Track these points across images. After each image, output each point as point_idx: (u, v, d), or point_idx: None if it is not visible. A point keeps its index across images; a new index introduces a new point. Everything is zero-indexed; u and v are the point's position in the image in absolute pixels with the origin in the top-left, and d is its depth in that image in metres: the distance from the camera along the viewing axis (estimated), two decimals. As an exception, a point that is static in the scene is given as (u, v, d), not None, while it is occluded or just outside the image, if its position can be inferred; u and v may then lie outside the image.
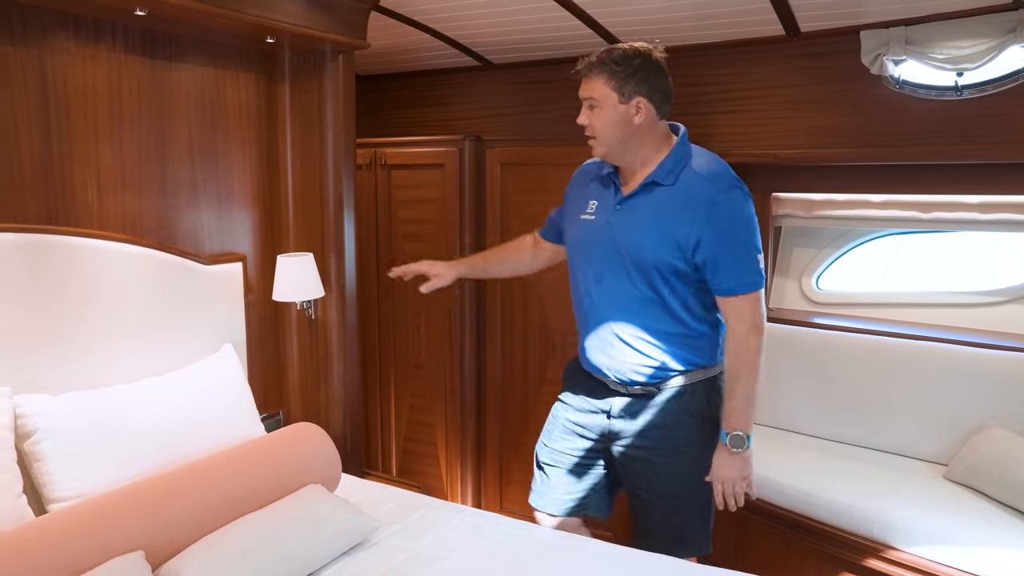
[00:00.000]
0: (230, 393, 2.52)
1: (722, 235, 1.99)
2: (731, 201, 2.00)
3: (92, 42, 2.28)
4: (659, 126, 2.08)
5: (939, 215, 2.97)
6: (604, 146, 2.09)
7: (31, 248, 2.10)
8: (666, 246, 2.02)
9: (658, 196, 2.06)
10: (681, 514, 2.19)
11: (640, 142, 2.06)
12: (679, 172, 2.04)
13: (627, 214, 2.10)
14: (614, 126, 2.04)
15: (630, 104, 2.02)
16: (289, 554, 1.96)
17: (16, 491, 1.92)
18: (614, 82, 2.02)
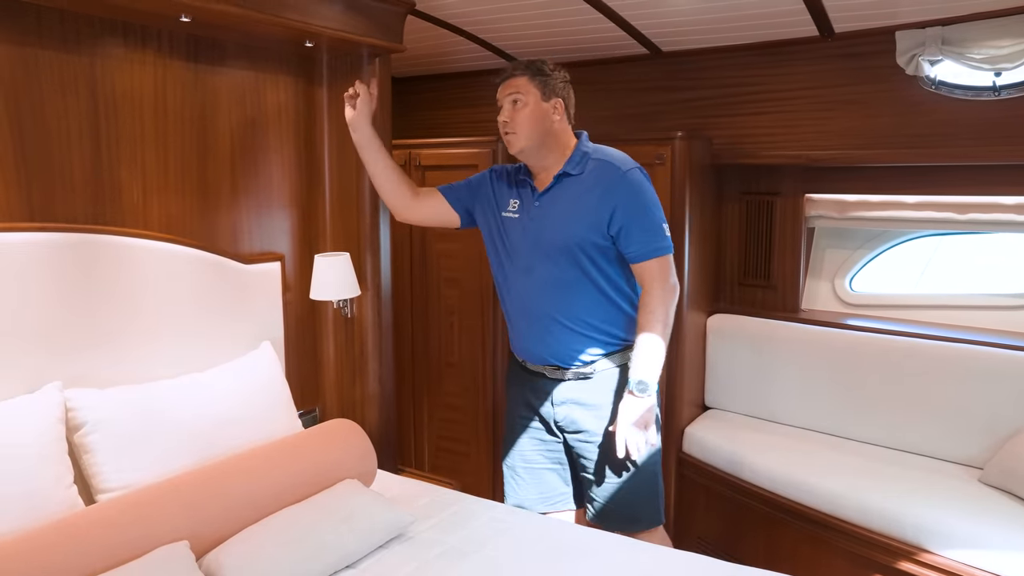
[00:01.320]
0: (269, 389, 2.58)
1: (630, 207, 2.22)
2: (634, 179, 2.25)
3: (139, 48, 2.36)
4: (567, 130, 2.35)
5: (975, 216, 2.94)
6: (524, 138, 2.30)
7: (81, 247, 2.18)
8: (584, 226, 2.24)
9: (570, 185, 2.30)
10: (629, 491, 2.33)
11: (554, 140, 2.32)
12: (585, 163, 2.30)
13: (546, 206, 2.32)
14: (536, 122, 2.29)
15: (550, 103, 2.29)
16: (326, 547, 2.01)
17: (67, 481, 1.99)
18: (538, 81, 2.29)
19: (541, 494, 2.52)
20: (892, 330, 3.06)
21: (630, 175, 2.25)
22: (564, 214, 2.28)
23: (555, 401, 2.39)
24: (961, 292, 3.18)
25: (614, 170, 2.26)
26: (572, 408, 2.37)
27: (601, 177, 2.26)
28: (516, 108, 2.30)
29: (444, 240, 3.64)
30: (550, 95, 2.29)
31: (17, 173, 2.09)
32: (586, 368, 2.33)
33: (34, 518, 1.86)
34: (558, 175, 2.31)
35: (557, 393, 2.38)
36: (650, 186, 2.29)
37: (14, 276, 2.02)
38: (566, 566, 2.05)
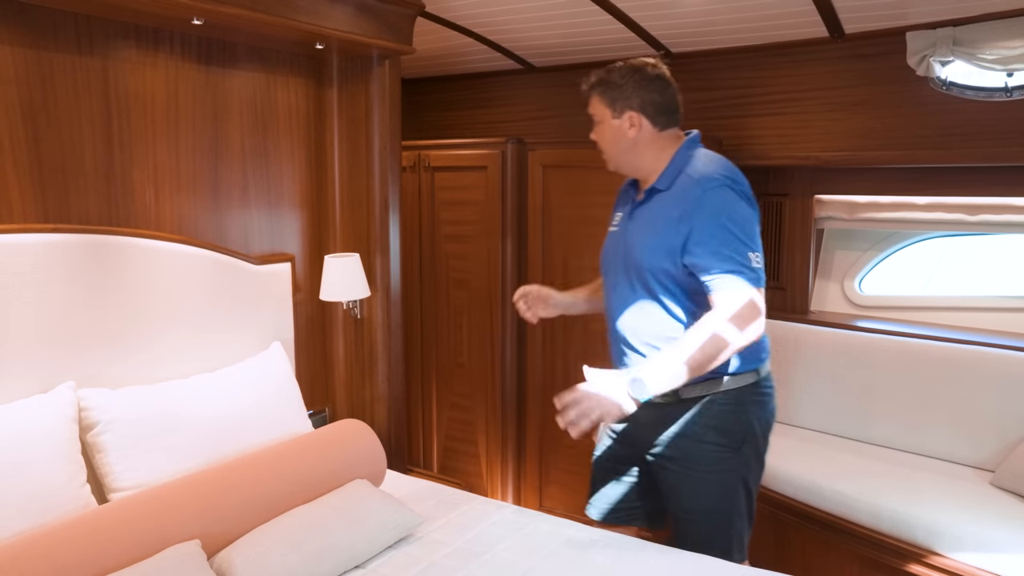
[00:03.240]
0: (279, 389, 2.59)
1: (702, 233, 1.94)
2: (716, 198, 1.96)
3: (151, 50, 2.38)
4: (661, 137, 2.10)
5: (986, 217, 2.93)
6: (611, 160, 2.17)
7: (94, 248, 2.20)
8: (658, 249, 2.02)
9: (657, 202, 2.09)
10: (700, 529, 2.15)
11: (638, 154, 2.11)
12: (675, 177, 2.05)
13: (634, 222, 2.15)
14: (612, 142, 2.12)
15: (623, 119, 2.08)
16: (336, 547, 2.02)
17: (80, 480, 2.01)
18: (606, 99, 2.10)
19: (608, 502, 2.34)
20: (902, 332, 3.05)
21: (711, 194, 1.96)
22: (645, 233, 2.08)
23: (640, 422, 2.18)
24: (971, 294, 3.17)
25: (695, 187, 1.98)
26: (651, 432, 2.16)
27: (682, 195, 2.01)
28: (596, 130, 2.15)
29: (453, 241, 3.65)
30: (622, 110, 2.07)
31: (32, 175, 2.11)
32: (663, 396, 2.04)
33: (47, 516, 1.88)
34: (648, 189, 2.11)
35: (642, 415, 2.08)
36: (739, 206, 1.97)
37: (29, 277, 2.04)
38: (575, 567, 2.05)
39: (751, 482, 2.13)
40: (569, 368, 3.46)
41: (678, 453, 2.11)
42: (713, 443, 2.06)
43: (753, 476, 2.14)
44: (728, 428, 2.06)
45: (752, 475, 2.13)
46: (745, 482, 2.11)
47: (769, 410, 2.15)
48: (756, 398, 2.10)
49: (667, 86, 2.10)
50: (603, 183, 3.23)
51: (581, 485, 3.47)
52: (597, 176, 3.26)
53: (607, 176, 3.19)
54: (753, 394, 2.09)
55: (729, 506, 2.11)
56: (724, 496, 2.10)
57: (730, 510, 2.11)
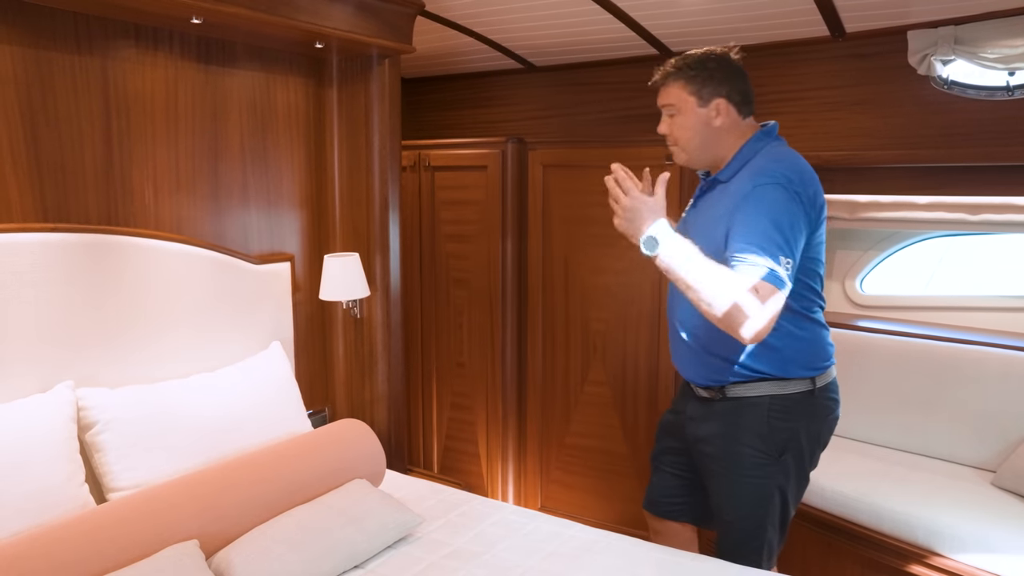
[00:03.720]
0: (278, 389, 2.59)
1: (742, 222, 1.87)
2: (763, 194, 1.88)
3: (151, 50, 2.37)
4: (740, 126, 2.05)
5: (988, 217, 2.92)
6: (686, 152, 2.09)
7: (93, 248, 2.20)
8: (711, 241, 1.93)
9: (716, 193, 2.05)
10: (734, 531, 2.12)
11: (718, 144, 2.05)
12: (738, 170, 2.01)
13: (696, 210, 2.13)
14: (694, 131, 2.04)
15: (709, 107, 2.02)
16: (335, 547, 2.02)
17: (79, 480, 2.01)
18: (692, 86, 2.02)
19: (658, 495, 2.34)
20: (903, 332, 3.04)
21: (759, 189, 1.89)
22: (701, 224, 2.04)
23: (687, 414, 2.19)
24: (973, 293, 3.16)
25: (747, 182, 1.93)
26: (698, 427, 2.14)
27: (736, 190, 1.96)
28: (673, 120, 2.07)
29: (453, 241, 3.65)
30: (709, 98, 2.01)
31: (31, 174, 2.11)
32: (710, 392, 2.09)
33: (46, 516, 1.88)
34: (712, 179, 2.07)
35: (689, 407, 2.18)
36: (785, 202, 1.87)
37: (28, 276, 2.04)
38: (575, 567, 2.04)
39: (789, 493, 2.07)
40: (570, 369, 3.46)
41: (718, 452, 2.09)
42: (752, 448, 2.02)
43: (792, 488, 2.07)
44: (770, 435, 2.00)
45: (791, 486, 2.06)
46: (782, 492, 2.05)
47: (825, 423, 2.07)
48: (808, 408, 2.02)
49: (745, 75, 2.07)
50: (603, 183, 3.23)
51: (582, 485, 3.48)
52: (598, 175, 3.24)
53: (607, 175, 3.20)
54: (806, 403, 2.01)
55: (762, 514, 2.05)
56: (758, 503, 2.05)
57: (763, 518, 2.06)
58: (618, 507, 3.35)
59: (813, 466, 2.11)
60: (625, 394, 3.30)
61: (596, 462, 3.42)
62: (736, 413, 2.04)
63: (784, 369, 1.99)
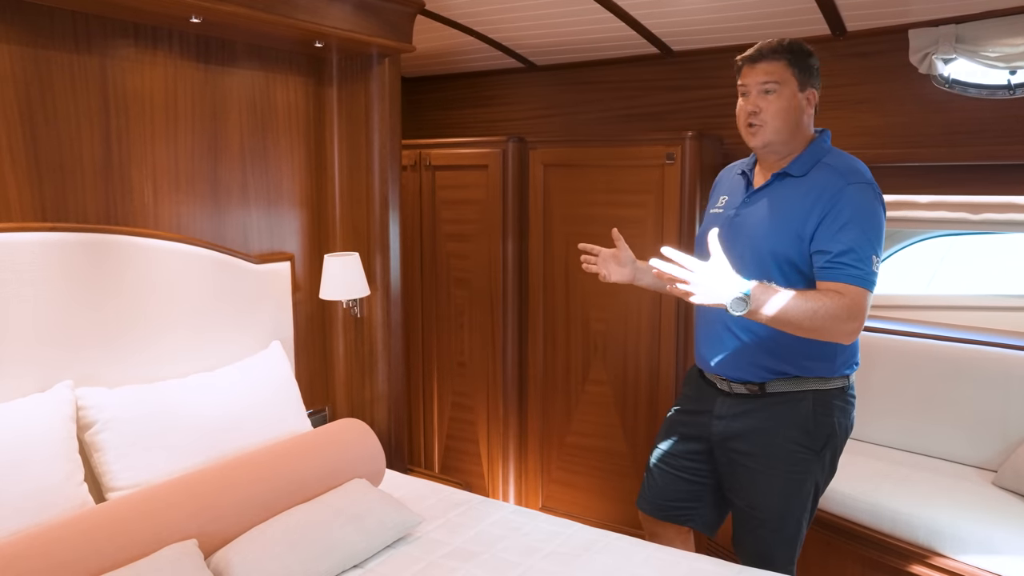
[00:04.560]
0: (278, 389, 2.59)
1: (839, 223, 1.89)
2: (859, 194, 1.92)
3: (150, 49, 2.37)
4: (812, 124, 2.08)
5: (990, 216, 2.92)
6: (772, 132, 2.03)
7: (92, 247, 2.19)
8: (785, 235, 1.97)
9: (786, 187, 2.04)
10: (769, 529, 2.10)
11: (799, 132, 2.05)
12: (812, 165, 2.02)
13: (753, 205, 2.09)
14: (788, 113, 2.01)
15: (806, 94, 2.03)
16: (335, 546, 2.01)
17: (78, 479, 2.01)
18: (796, 69, 2.01)
19: (663, 499, 2.31)
20: (905, 331, 3.04)
21: (852, 188, 1.92)
22: (766, 217, 2.03)
23: (715, 413, 2.16)
24: (974, 293, 3.16)
25: (837, 179, 1.94)
26: (731, 424, 2.12)
27: (819, 185, 1.96)
28: (768, 98, 2.01)
29: (454, 240, 3.65)
30: (807, 85, 2.02)
31: (29, 173, 2.11)
32: (756, 387, 2.08)
33: (45, 515, 1.88)
34: (778, 173, 2.06)
35: (719, 405, 2.15)
36: (876, 207, 1.93)
37: (26, 276, 2.04)
38: (575, 567, 2.04)
39: (821, 488, 2.11)
40: (571, 368, 3.46)
41: (757, 448, 2.08)
42: (795, 443, 2.03)
43: (824, 482, 2.11)
44: (814, 430, 2.03)
45: (823, 481, 2.11)
46: (817, 487, 2.09)
47: (851, 419, 2.12)
48: (842, 404, 2.08)
49: None
50: (604, 182, 3.23)
51: (583, 485, 3.47)
52: (598, 175, 3.26)
53: (608, 175, 3.20)
54: (840, 399, 2.07)
55: (800, 510, 2.07)
56: (797, 498, 2.06)
57: (800, 514, 2.08)
58: (619, 507, 3.34)
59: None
60: (626, 393, 3.29)
61: (597, 461, 3.42)
62: (778, 408, 2.05)
63: (832, 368, 2.04)
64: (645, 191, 3.12)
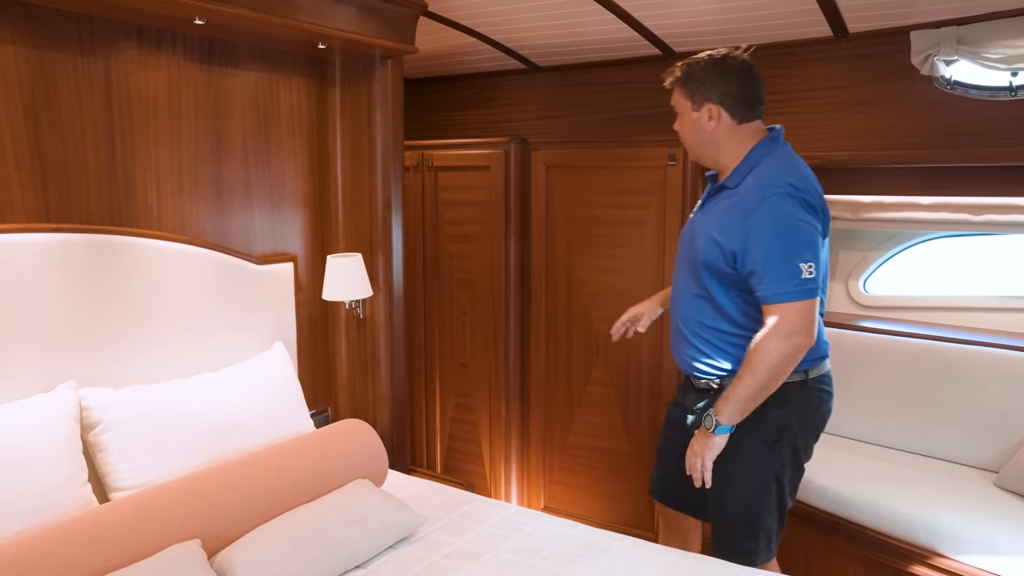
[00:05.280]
0: (281, 389, 2.59)
1: (756, 242, 1.97)
2: (769, 208, 1.96)
3: (153, 50, 2.38)
4: (740, 130, 2.11)
5: (991, 217, 2.91)
6: (690, 151, 2.21)
7: (96, 248, 2.20)
8: (715, 248, 2.05)
9: (723, 198, 2.11)
10: (730, 520, 2.17)
11: (717, 147, 2.13)
12: (744, 176, 2.06)
13: (702, 215, 2.19)
14: (692, 134, 2.15)
15: (702, 112, 2.10)
16: (337, 546, 2.02)
17: (82, 479, 2.01)
18: (686, 91, 2.12)
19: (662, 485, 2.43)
20: (906, 332, 3.04)
21: (769, 201, 1.96)
22: (704, 228, 2.12)
23: (686, 406, 2.28)
24: (976, 294, 3.15)
25: (754, 194, 2.00)
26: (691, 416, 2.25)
27: (743, 200, 2.02)
28: (677, 121, 2.20)
29: (457, 241, 3.65)
30: (701, 102, 2.10)
31: (34, 175, 2.12)
32: (707, 384, 2.20)
33: (48, 516, 1.89)
34: (718, 185, 2.16)
35: (689, 399, 2.28)
36: (795, 215, 1.97)
37: (31, 276, 2.05)
38: (576, 567, 2.04)
39: (785, 482, 2.14)
40: (572, 369, 3.46)
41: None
42: (752, 436, 2.09)
43: (788, 476, 2.14)
44: (765, 424, 2.08)
45: (787, 475, 2.13)
46: (778, 480, 2.12)
47: (818, 413, 2.15)
48: (802, 398, 2.11)
49: (749, 78, 2.10)
50: (606, 183, 3.24)
51: (585, 485, 3.48)
52: (601, 176, 3.26)
53: (611, 176, 3.20)
54: (799, 394, 2.10)
55: (760, 502, 2.12)
56: (756, 491, 2.11)
57: (761, 506, 2.12)
58: (621, 507, 3.35)
59: (808, 457, 2.18)
60: (628, 394, 3.30)
61: (599, 462, 3.42)
62: None
63: None
64: (647, 192, 3.12)
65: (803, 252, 1.94)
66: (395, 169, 2.93)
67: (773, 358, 1.94)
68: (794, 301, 1.93)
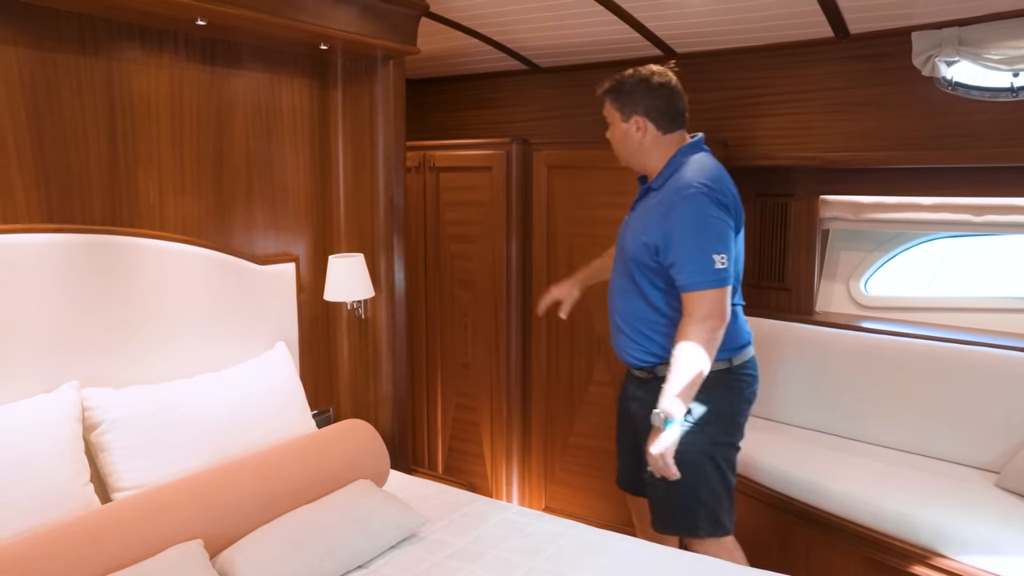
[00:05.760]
0: (283, 389, 2.60)
1: (675, 237, 2.16)
2: (685, 206, 2.16)
3: (155, 51, 2.39)
4: (665, 139, 2.29)
5: (992, 218, 2.91)
6: (620, 158, 2.40)
7: (98, 248, 2.21)
8: (642, 245, 2.25)
9: (651, 199, 2.31)
10: (668, 497, 2.31)
11: (645, 154, 2.32)
12: (667, 179, 2.26)
13: (633, 215, 2.39)
14: (621, 142, 2.35)
15: (630, 123, 2.30)
16: (339, 547, 2.02)
17: (84, 479, 2.02)
18: (616, 104, 2.32)
19: (623, 473, 2.62)
20: (907, 333, 3.04)
21: (686, 201, 2.16)
22: (636, 228, 2.31)
23: (628, 395, 2.47)
24: (976, 295, 3.15)
25: (674, 194, 2.20)
26: (634, 405, 2.41)
27: (666, 198, 2.23)
28: (609, 130, 2.38)
29: (458, 242, 3.66)
30: (629, 114, 2.30)
31: (36, 175, 2.12)
32: (644, 372, 2.37)
33: (50, 516, 1.89)
34: (646, 187, 2.35)
35: (628, 387, 2.48)
36: (708, 212, 2.15)
37: (33, 277, 2.05)
38: (578, 568, 2.05)
39: (720, 460, 2.29)
40: (574, 369, 3.47)
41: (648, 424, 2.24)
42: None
43: (721, 455, 2.29)
44: (695, 408, 2.23)
45: (719, 453, 2.29)
46: (711, 458, 2.27)
47: (742, 396, 2.34)
48: (726, 383, 2.29)
49: (672, 93, 2.29)
50: (608, 183, 3.24)
51: (586, 486, 3.48)
52: (602, 176, 3.26)
53: (612, 176, 3.20)
54: (723, 380, 2.27)
55: (694, 479, 2.25)
56: (688, 469, 2.21)
57: (695, 483, 2.26)
58: (622, 508, 3.34)
59: (739, 436, 2.36)
60: (629, 395, 3.30)
61: (600, 463, 3.42)
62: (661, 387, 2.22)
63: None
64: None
65: (716, 245, 2.13)
66: (397, 170, 2.93)
67: (695, 342, 2.12)
68: (708, 289, 2.12)
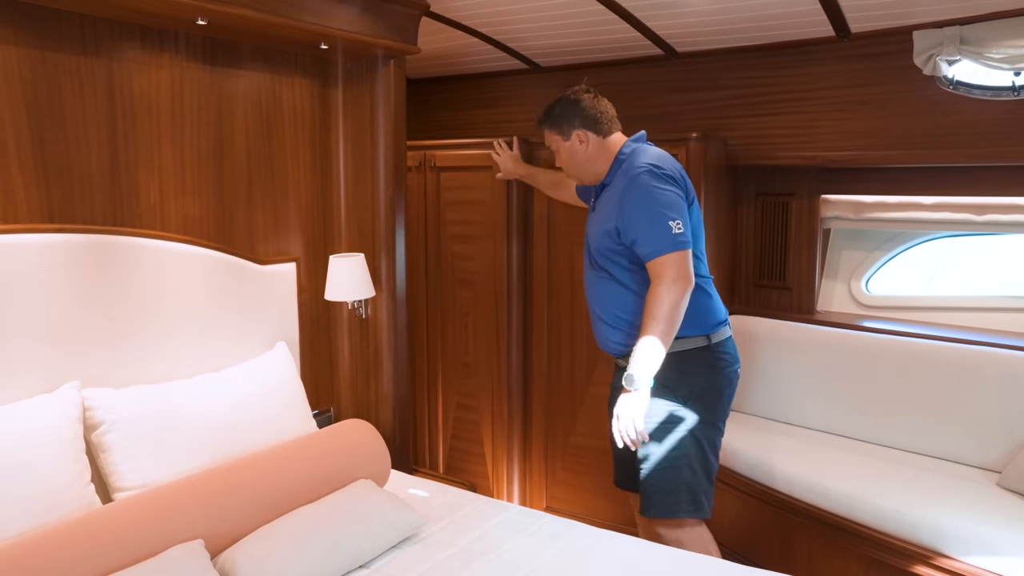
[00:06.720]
0: (283, 389, 2.60)
1: (631, 215, 2.28)
2: (637, 182, 2.28)
3: (156, 51, 2.38)
4: (606, 143, 2.44)
5: (993, 217, 2.91)
6: (574, 176, 2.57)
7: (99, 248, 2.21)
8: (604, 234, 2.37)
9: (605, 194, 2.44)
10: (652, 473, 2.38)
11: (594, 163, 2.46)
12: (615, 173, 2.41)
13: (596, 211, 2.50)
14: (570, 160, 2.49)
15: (572, 139, 2.44)
16: (340, 547, 2.02)
17: (85, 480, 2.02)
18: (554, 128, 2.47)
19: (618, 470, 2.68)
20: (909, 332, 3.03)
21: (636, 179, 2.29)
22: (597, 222, 2.44)
23: (614, 385, 2.52)
24: (978, 294, 3.15)
25: (623, 180, 2.35)
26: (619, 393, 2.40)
27: (618, 185, 2.37)
28: (557, 156, 2.52)
29: (459, 241, 3.65)
30: (569, 132, 2.43)
31: (37, 175, 2.12)
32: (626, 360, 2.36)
33: (52, 516, 1.89)
34: (600, 185, 2.48)
35: (615, 379, 2.52)
36: (658, 185, 2.27)
37: (34, 277, 2.05)
38: (578, 567, 2.05)
39: (703, 439, 2.38)
40: (575, 368, 3.46)
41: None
42: (664, 397, 2.34)
43: (704, 434, 2.38)
44: (673, 385, 2.33)
45: (703, 432, 2.37)
46: (695, 437, 2.36)
47: (724, 376, 2.42)
48: (706, 360, 2.38)
49: (596, 99, 2.44)
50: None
51: (587, 486, 3.48)
52: (602, 176, 3.26)
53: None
54: (701, 358, 2.38)
55: (677, 455, 2.35)
56: (672, 445, 2.34)
57: (678, 459, 2.35)
58: (623, 507, 3.35)
59: (722, 417, 2.44)
60: (630, 394, 3.29)
61: (601, 462, 3.42)
62: None
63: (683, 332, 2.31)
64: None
65: (669, 212, 2.23)
66: (398, 169, 2.93)
67: (665, 303, 2.20)
68: (670, 253, 2.22)
